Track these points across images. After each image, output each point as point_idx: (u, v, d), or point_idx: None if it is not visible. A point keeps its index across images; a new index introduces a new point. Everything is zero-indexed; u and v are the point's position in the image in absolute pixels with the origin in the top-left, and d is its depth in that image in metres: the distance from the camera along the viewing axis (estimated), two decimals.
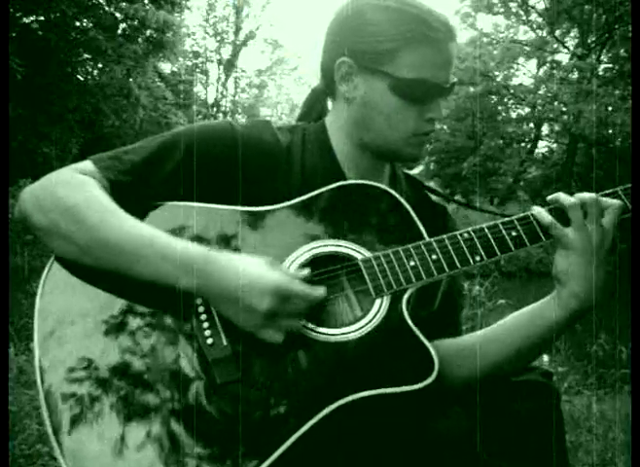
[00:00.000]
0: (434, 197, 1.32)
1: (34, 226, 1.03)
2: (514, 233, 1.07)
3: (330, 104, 1.29)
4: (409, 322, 1.02)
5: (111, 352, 0.96)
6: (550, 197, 1.09)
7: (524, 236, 1.07)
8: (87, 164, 1.08)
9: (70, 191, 1.03)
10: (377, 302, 1.04)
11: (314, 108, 1.32)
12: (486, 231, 1.08)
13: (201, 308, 1.00)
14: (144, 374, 0.95)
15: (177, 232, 1.05)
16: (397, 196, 1.12)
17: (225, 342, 0.97)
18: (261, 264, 0.97)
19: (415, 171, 1.39)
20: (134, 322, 0.99)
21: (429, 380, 0.96)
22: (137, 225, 1.01)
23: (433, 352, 0.98)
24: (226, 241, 1.06)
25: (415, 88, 1.11)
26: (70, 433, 0.91)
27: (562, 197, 1.07)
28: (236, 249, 1.06)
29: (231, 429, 0.92)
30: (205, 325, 0.98)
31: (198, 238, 1.05)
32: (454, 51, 1.14)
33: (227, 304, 0.96)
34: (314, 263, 1.06)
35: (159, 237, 0.99)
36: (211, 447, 0.91)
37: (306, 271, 1.00)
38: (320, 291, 0.98)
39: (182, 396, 0.94)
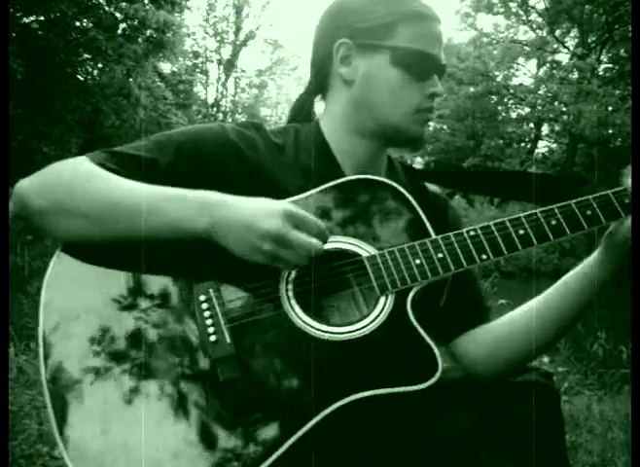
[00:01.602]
0: (433, 188, 1.31)
1: (35, 211, 1.03)
2: (521, 232, 1.04)
3: (317, 108, 1.29)
4: (414, 321, 1.01)
5: (114, 348, 0.96)
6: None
7: (532, 235, 1.04)
8: (81, 158, 1.08)
9: (69, 168, 1.05)
10: (382, 300, 1.03)
11: (300, 113, 1.31)
12: (493, 228, 1.05)
13: (205, 305, 1.00)
14: (147, 372, 0.95)
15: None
16: (403, 191, 1.10)
17: (228, 340, 0.97)
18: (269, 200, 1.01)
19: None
20: (138, 320, 0.99)
21: (432, 380, 0.95)
22: (142, 184, 1.02)
23: (436, 352, 0.98)
24: None
25: (415, 58, 1.13)
26: (74, 429, 0.91)
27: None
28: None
29: (233, 427, 0.92)
30: (209, 322, 0.98)
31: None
32: (442, 34, 1.18)
33: (241, 233, 0.97)
34: (320, 260, 1.05)
35: (166, 189, 1.01)
36: (214, 443, 0.91)
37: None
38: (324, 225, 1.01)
39: (184, 393, 0.94)
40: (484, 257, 1.04)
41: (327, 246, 1.04)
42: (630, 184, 1.04)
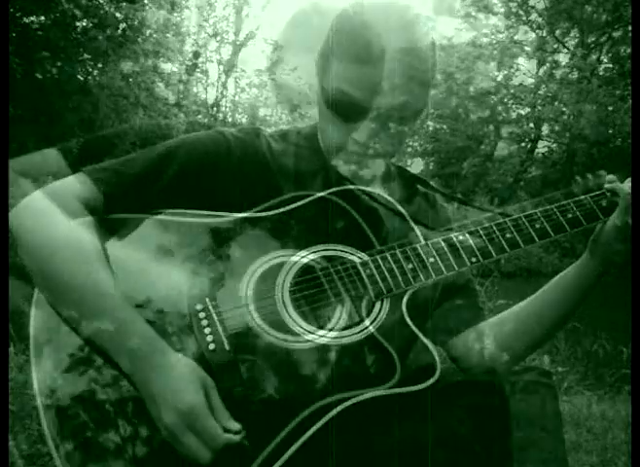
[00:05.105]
0: (422, 188, 1.31)
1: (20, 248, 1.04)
2: (508, 235, 1.09)
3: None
4: (411, 324, 1.03)
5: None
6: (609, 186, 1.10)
7: (518, 238, 1.09)
8: (80, 177, 1.06)
9: (52, 223, 0.99)
10: (377, 305, 1.04)
11: None
12: (481, 232, 1.10)
13: (202, 314, 0.99)
14: None
15: (165, 247, 1.05)
16: (390, 199, 1.13)
17: (227, 347, 0.97)
18: (191, 380, 0.88)
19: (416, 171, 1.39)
20: None
21: (432, 380, 0.96)
22: (106, 278, 0.95)
23: (435, 353, 1.00)
24: (215, 249, 1.07)
25: (335, 97, 1.06)
26: (72, 448, 0.89)
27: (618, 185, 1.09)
28: (230, 256, 1.06)
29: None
30: (207, 331, 0.98)
31: (191, 245, 1.05)
32: (378, 78, 1.01)
33: (147, 400, 0.90)
34: (309, 269, 1.06)
35: (123, 307, 0.93)
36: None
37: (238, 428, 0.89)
38: (225, 436, 0.87)
39: None
40: (474, 260, 1.08)
41: (317, 255, 1.07)
42: (607, 187, 1.10)
